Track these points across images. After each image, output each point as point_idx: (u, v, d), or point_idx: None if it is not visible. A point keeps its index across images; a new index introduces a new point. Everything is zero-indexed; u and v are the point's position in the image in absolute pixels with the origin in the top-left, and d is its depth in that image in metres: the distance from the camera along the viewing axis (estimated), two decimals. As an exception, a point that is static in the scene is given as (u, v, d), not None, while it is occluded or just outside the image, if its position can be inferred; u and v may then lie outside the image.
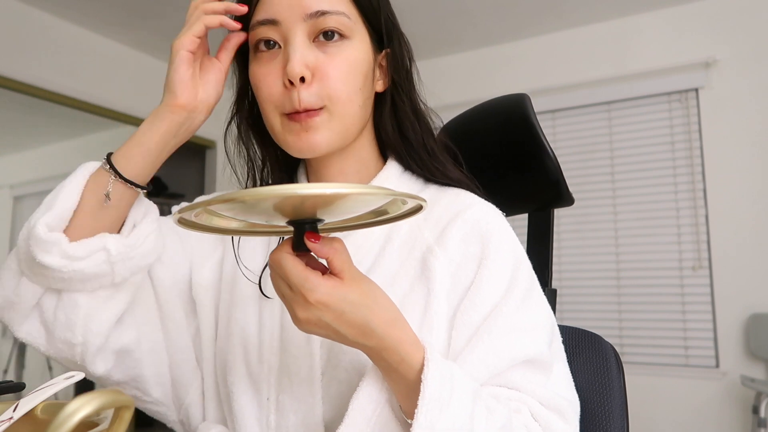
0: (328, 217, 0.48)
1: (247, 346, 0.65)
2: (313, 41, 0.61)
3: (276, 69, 0.61)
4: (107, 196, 0.60)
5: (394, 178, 0.69)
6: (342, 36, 0.61)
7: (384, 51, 0.67)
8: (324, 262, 0.49)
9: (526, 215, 0.86)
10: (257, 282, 0.67)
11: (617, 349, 0.77)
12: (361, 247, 0.66)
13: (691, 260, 2.83)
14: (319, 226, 0.49)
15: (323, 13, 0.59)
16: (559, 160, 0.77)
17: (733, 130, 2.78)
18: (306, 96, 0.59)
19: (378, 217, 0.53)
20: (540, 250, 0.81)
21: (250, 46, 0.65)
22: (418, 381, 0.50)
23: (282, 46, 0.61)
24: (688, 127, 2.89)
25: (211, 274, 0.71)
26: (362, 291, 0.49)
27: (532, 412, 0.56)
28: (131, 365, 0.67)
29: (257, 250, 0.71)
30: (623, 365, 0.73)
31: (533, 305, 0.61)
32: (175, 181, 4.92)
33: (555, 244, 0.83)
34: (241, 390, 0.64)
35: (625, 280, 2.95)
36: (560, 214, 2.97)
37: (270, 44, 0.62)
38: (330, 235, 0.51)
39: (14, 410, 0.45)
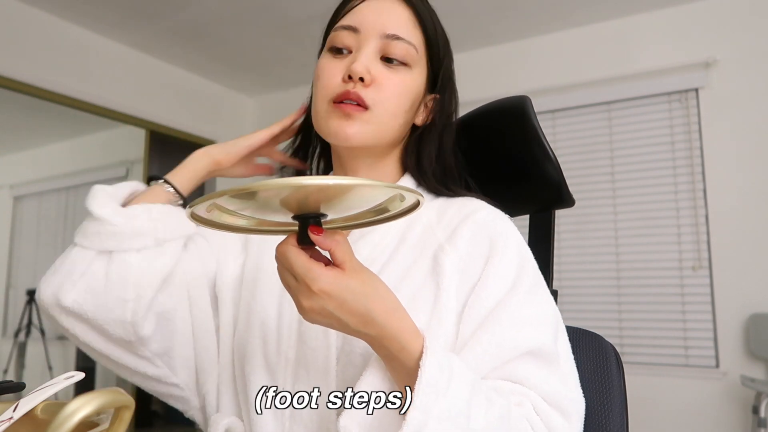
0: (332, 213, 0.50)
1: (265, 338, 0.68)
2: (380, 57, 0.69)
3: (340, 67, 0.69)
4: (172, 188, 0.76)
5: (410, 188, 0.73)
6: (404, 64, 0.69)
7: (433, 95, 0.75)
8: (327, 255, 0.51)
9: (526, 217, 0.86)
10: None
11: (617, 349, 0.77)
12: (377, 246, 0.70)
13: (691, 260, 2.83)
14: (323, 223, 0.51)
15: (398, 38, 0.68)
16: (559, 160, 0.77)
17: (733, 130, 2.78)
18: (360, 91, 0.67)
19: (379, 215, 0.54)
20: (541, 252, 0.81)
21: (326, 44, 0.74)
22: (417, 368, 0.51)
23: (352, 52, 0.70)
24: (688, 127, 2.89)
25: (234, 270, 0.76)
26: (363, 281, 0.51)
27: (534, 406, 0.57)
28: (168, 335, 0.71)
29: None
30: (623, 365, 0.73)
31: (538, 301, 0.64)
32: (175, 181, 4.91)
33: (555, 244, 0.83)
34: (258, 380, 0.67)
35: (625, 280, 2.95)
36: (560, 215, 2.97)
37: (342, 52, 0.70)
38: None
39: (14, 410, 0.45)
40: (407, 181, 0.76)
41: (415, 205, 0.51)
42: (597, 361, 0.73)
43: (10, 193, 5.39)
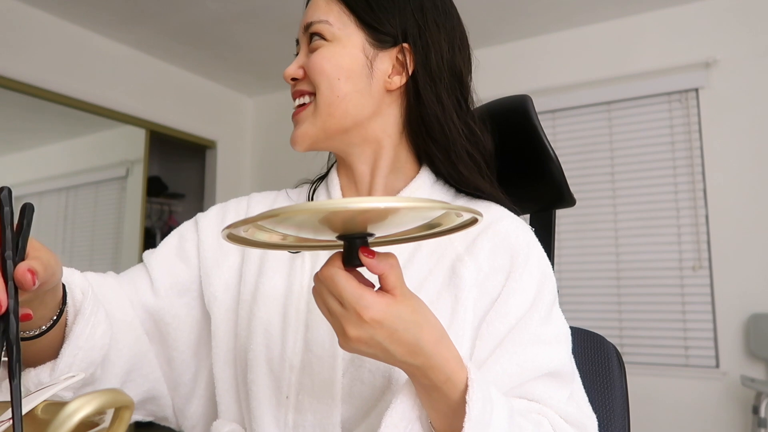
0: (379, 231, 0.48)
1: (269, 345, 0.66)
2: (309, 49, 0.69)
3: None
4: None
5: (426, 187, 0.70)
6: (323, 38, 0.67)
7: (399, 46, 0.68)
8: (373, 278, 0.48)
9: (527, 217, 0.86)
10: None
11: (617, 349, 0.77)
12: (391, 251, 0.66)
13: (691, 260, 2.83)
14: (369, 240, 0.48)
15: (311, 24, 0.68)
16: (559, 160, 0.77)
17: (733, 130, 2.78)
18: (299, 86, 0.68)
19: (430, 230, 0.51)
20: None
21: None
22: (461, 401, 0.50)
23: None
24: (688, 127, 2.89)
25: (228, 275, 0.72)
26: (414, 309, 0.48)
27: (552, 425, 0.57)
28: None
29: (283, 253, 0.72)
30: (625, 366, 0.73)
31: (556, 319, 0.63)
32: (175, 181, 4.92)
33: (555, 244, 0.83)
34: (261, 387, 0.65)
35: (625, 280, 2.95)
36: (560, 215, 2.97)
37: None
38: (382, 250, 0.50)
39: (14, 410, 0.44)
40: (424, 175, 0.70)
41: (472, 222, 0.48)
42: (599, 362, 0.73)
43: (10, 193, 5.37)
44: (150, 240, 4.26)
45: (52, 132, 4.77)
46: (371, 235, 0.47)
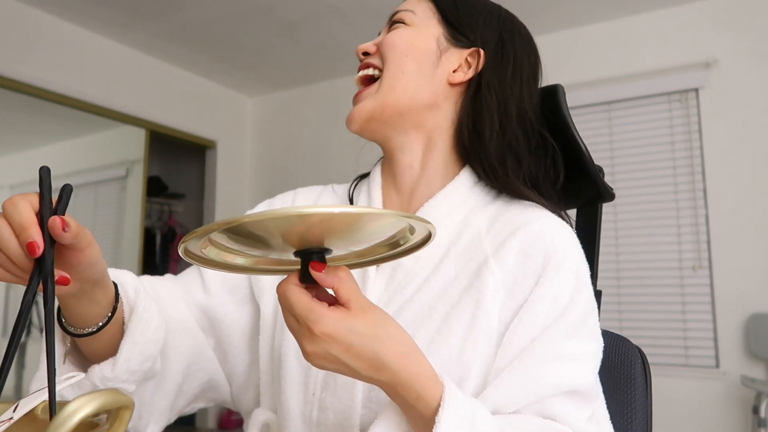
0: (337, 247, 0.46)
1: None
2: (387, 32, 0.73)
3: None
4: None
5: (464, 189, 0.69)
6: (402, 23, 0.71)
7: (473, 49, 0.71)
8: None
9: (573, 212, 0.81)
10: None
11: (642, 352, 0.74)
12: (420, 259, 0.65)
13: (691, 260, 2.83)
14: (332, 259, 0.46)
15: (397, 12, 0.73)
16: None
17: (733, 130, 2.78)
18: (367, 60, 0.72)
19: (393, 250, 0.49)
20: (586, 249, 0.76)
21: None
22: (433, 420, 0.47)
23: None
24: (688, 127, 2.89)
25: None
26: (371, 322, 0.46)
27: None
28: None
29: None
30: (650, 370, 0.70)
31: (587, 334, 0.58)
32: (175, 181, 4.92)
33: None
34: (291, 383, 0.66)
35: (625, 280, 2.95)
36: (560, 214, 2.97)
37: None
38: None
39: (14, 410, 0.45)
40: (465, 176, 0.69)
41: (427, 238, 0.46)
42: (621, 366, 0.69)
43: (10, 193, 5.38)
44: (150, 240, 4.26)
45: (52, 132, 4.76)
46: (328, 251, 0.46)
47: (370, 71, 0.71)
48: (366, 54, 0.73)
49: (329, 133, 3.87)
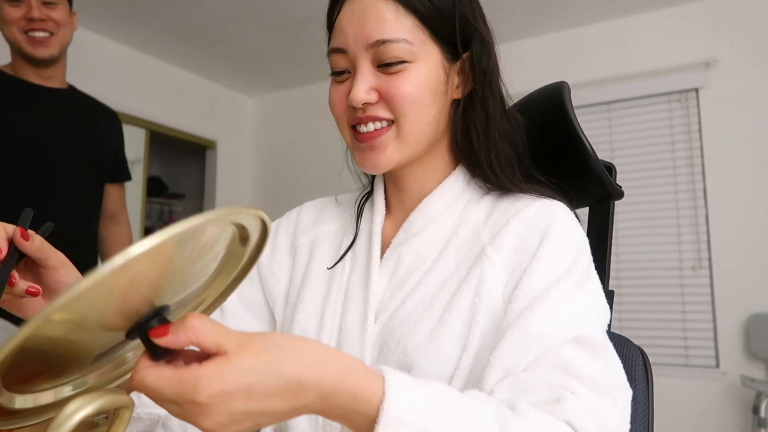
0: (171, 296, 0.39)
1: None
2: (377, 68, 0.63)
3: (343, 92, 0.65)
4: None
5: (460, 184, 0.69)
6: (404, 62, 0.62)
7: (465, 55, 0.67)
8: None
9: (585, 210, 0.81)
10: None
11: (644, 352, 0.74)
12: (420, 253, 0.66)
13: (691, 260, 2.83)
14: (171, 314, 0.39)
15: (383, 42, 0.61)
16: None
17: (733, 130, 2.78)
18: (371, 111, 0.63)
19: (244, 260, 0.44)
20: (597, 248, 0.74)
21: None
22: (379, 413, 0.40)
23: (351, 72, 0.65)
24: (688, 127, 2.89)
25: (283, 279, 0.75)
26: (257, 351, 0.38)
27: (580, 399, 0.49)
28: None
29: (330, 246, 0.74)
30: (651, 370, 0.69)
31: (588, 295, 0.58)
32: (175, 182, 4.92)
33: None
34: None
35: (625, 280, 2.95)
36: (560, 214, 2.97)
37: (342, 73, 0.66)
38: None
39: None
40: (458, 175, 0.69)
41: (264, 229, 0.41)
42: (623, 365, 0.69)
43: (10, 193, 5.37)
44: (150, 240, 4.25)
45: (52, 132, 4.77)
46: (164, 308, 0.38)
47: (381, 125, 0.64)
48: (363, 104, 0.63)
49: (329, 133, 3.86)
